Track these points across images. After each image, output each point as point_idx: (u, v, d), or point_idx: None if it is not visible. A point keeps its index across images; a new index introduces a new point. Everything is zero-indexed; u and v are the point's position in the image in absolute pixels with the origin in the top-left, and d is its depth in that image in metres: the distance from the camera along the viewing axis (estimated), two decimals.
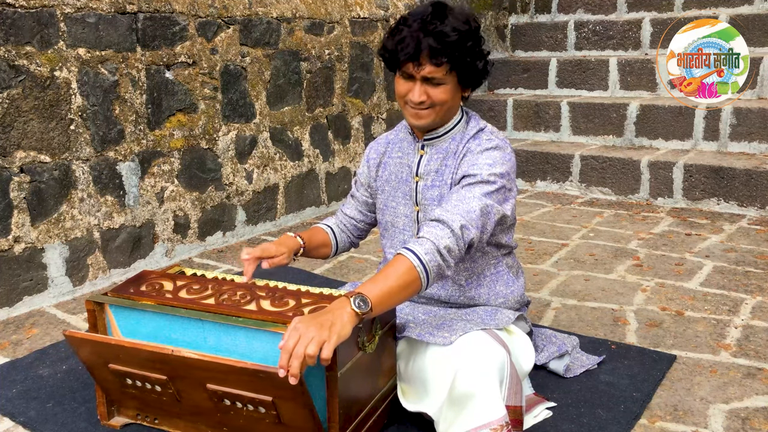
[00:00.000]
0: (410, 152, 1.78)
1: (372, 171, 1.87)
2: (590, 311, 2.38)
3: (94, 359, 1.57)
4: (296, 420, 1.41)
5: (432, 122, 1.67)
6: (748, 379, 1.89)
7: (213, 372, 1.40)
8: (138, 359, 1.49)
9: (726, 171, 3.55)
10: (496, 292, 1.75)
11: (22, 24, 2.37)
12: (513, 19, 5.32)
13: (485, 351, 1.45)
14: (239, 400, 1.43)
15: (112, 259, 2.75)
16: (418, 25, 1.58)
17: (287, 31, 3.40)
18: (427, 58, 1.57)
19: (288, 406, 1.39)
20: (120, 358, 1.52)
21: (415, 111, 1.65)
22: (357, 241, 2.01)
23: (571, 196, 4.03)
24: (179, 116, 2.96)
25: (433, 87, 1.61)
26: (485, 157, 1.63)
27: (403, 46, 1.59)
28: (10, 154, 2.38)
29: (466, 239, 1.51)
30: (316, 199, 3.73)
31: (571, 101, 4.40)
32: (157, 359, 1.45)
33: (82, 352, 1.57)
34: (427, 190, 1.73)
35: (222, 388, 1.43)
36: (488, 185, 1.58)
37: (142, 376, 1.52)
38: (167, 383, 1.51)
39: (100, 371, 1.59)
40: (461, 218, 1.51)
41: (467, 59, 1.60)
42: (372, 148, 1.90)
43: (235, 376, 1.38)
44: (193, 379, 1.46)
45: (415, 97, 1.62)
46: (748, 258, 2.86)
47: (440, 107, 1.64)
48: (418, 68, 1.59)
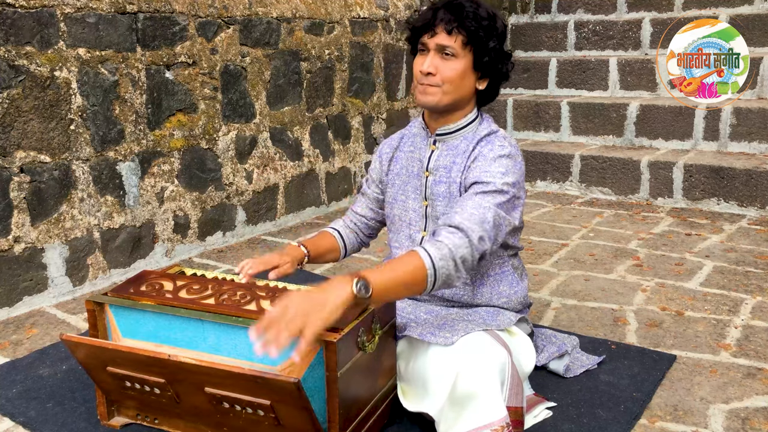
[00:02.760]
0: (422, 147, 1.79)
1: (384, 165, 1.88)
2: (590, 311, 2.38)
3: (92, 362, 1.57)
4: (295, 423, 1.41)
5: (438, 103, 1.67)
6: (748, 379, 1.89)
7: (210, 376, 1.40)
8: (135, 363, 1.49)
9: (726, 171, 3.55)
10: (500, 292, 1.75)
11: (22, 24, 2.37)
12: (513, 19, 5.32)
13: (486, 352, 1.45)
14: (238, 403, 1.43)
15: (112, 259, 2.75)
16: (441, 4, 1.65)
17: (287, 31, 3.40)
18: (442, 26, 1.61)
19: (286, 410, 1.39)
20: (117, 362, 1.52)
21: (422, 86, 1.66)
22: (368, 241, 2.01)
23: (571, 196, 4.03)
24: (179, 116, 2.96)
25: (445, 61, 1.63)
26: (498, 164, 1.62)
27: (421, 15, 1.67)
28: (10, 154, 2.38)
29: (481, 251, 1.51)
30: (316, 199, 3.73)
31: (571, 101, 4.40)
32: (154, 363, 1.45)
33: (80, 355, 1.57)
34: (435, 185, 1.73)
35: (220, 391, 1.43)
36: (501, 195, 1.58)
37: (141, 378, 1.52)
38: (166, 386, 1.51)
39: (98, 373, 1.59)
40: (480, 229, 1.51)
41: (482, 34, 1.62)
42: (385, 144, 1.92)
43: (233, 381, 1.38)
44: (192, 383, 1.46)
45: (425, 66, 1.64)
46: (748, 258, 2.86)
47: (448, 86, 1.64)
48: (432, 36, 1.63)
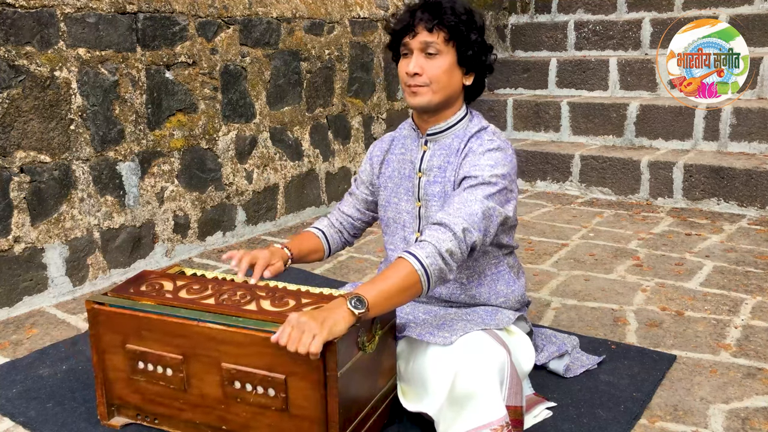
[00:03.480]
0: (413, 148, 1.78)
1: (375, 168, 1.87)
2: (590, 311, 2.38)
3: (112, 338, 1.60)
4: (305, 407, 1.42)
5: (429, 102, 1.67)
6: (748, 379, 1.89)
7: (232, 345, 1.45)
8: (161, 332, 1.53)
9: (726, 171, 3.55)
10: (497, 292, 1.75)
11: (22, 24, 2.37)
12: (513, 19, 5.32)
13: (486, 351, 1.45)
14: (250, 381, 1.46)
15: (112, 259, 2.75)
16: (417, 4, 1.66)
17: (287, 31, 3.40)
18: (422, 25, 1.62)
19: (299, 387, 1.41)
20: (141, 334, 1.55)
21: (411, 89, 1.66)
22: (352, 240, 2.01)
23: (571, 196, 4.03)
24: (179, 116, 2.96)
25: (430, 60, 1.63)
26: (487, 158, 1.63)
27: (400, 19, 1.67)
28: (10, 154, 2.38)
29: (468, 242, 1.51)
30: (316, 199, 3.73)
31: (571, 101, 4.40)
32: (180, 333, 1.50)
33: (102, 330, 1.60)
34: (429, 185, 1.73)
35: (236, 366, 1.46)
36: (490, 187, 1.58)
37: (157, 356, 1.55)
38: (180, 365, 1.53)
39: (111, 355, 1.61)
40: (464, 221, 1.51)
41: (463, 29, 1.63)
42: (376, 146, 1.91)
43: (254, 349, 1.42)
44: (209, 358, 1.49)
45: (411, 67, 1.64)
46: (748, 258, 2.86)
47: (436, 85, 1.64)
48: (414, 37, 1.63)
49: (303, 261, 1.88)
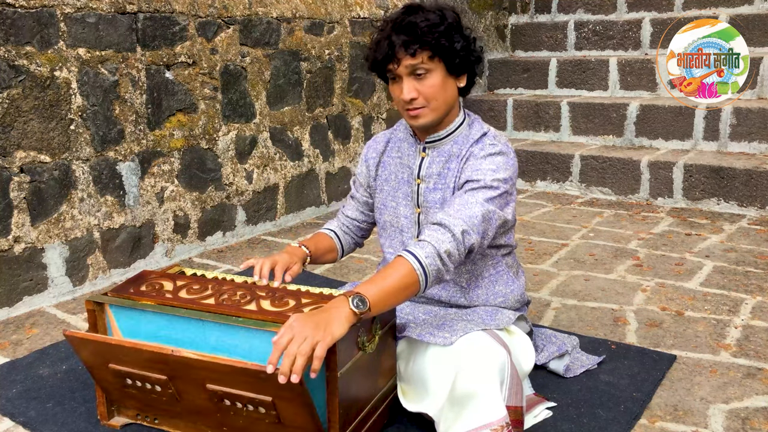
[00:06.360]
0: (411, 153, 1.77)
1: (371, 170, 1.86)
2: (590, 311, 2.38)
3: (94, 359, 1.57)
4: (296, 420, 1.41)
5: (432, 120, 1.65)
6: (748, 379, 1.89)
7: (213, 372, 1.40)
8: (138, 359, 1.49)
9: (726, 171, 3.55)
10: (496, 292, 1.75)
11: (22, 24, 2.37)
12: (513, 19, 5.32)
13: (486, 351, 1.45)
14: (239, 401, 1.43)
15: (112, 259, 2.75)
16: (390, 27, 1.60)
17: (287, 31, 3.40)
18: (402, 51, 1.57)
19: (288, 407, 1.39)
20: (120, 359, 1.52)
21: (410, 113, 1.64)
22: (361, 241, 2.01)
23: (571, 196, 4.03)
24: (179, 116, 2.96)
25: (421, 81, 1.60)
26: (488, 162, 1.62)
27: (379, 48, 1.60)
28: (10, 154, 2.38)
29: (467, 244, 1.51)
30: (316, 199, 3.73)
31: (571, 101, 4.40)
32: (157, 359, 1.45)
33: (83, 352, 1.57)
34: (429, 192, 1.72)
35: (222, 388, 1.43)
36: (491, 191, 1.58)
37: (142, 376, 1.52)
38: (167, 383, 1.51)
39: (100, 371, 1.59)
40: (463, 223, 1.51)
41: (444, 42, 1.58)
42: (370, 147, 1.89)
43: (235, 377, 1.38)
44: (193, 380, 1.46)
45: (405, 94, 1.61)
46: (748, 258, 2.86)
47: (435, 102, 1.62)
48: (398, 64, 1.59)
49: (319, 261, 1.87)
